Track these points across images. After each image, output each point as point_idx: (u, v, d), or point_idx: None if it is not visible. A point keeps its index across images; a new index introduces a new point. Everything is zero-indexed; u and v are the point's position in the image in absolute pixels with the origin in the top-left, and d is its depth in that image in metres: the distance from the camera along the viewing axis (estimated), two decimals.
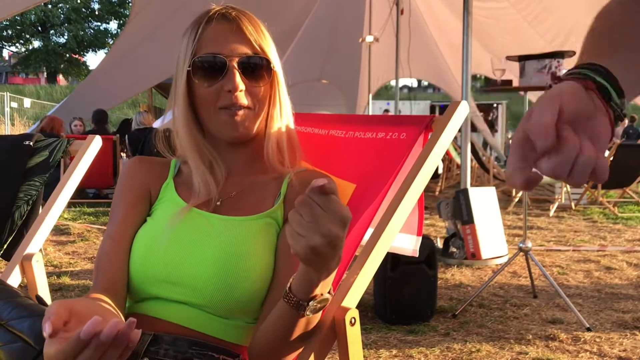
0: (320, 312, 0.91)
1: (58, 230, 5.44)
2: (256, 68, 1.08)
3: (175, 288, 1.02)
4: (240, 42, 1.07)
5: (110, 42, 37.37)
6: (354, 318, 0.94)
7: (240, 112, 1.07)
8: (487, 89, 4.20)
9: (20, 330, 0.82)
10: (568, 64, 3.21)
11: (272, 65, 1.10)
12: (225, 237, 1.04)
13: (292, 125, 1.19)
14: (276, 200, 1.10)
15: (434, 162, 1.04)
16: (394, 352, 2.63)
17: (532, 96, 3.29)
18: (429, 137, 1.08)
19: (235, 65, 1.06)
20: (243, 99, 1.07)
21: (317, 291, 0.87)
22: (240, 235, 1.04)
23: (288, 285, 0.89)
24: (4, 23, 34.45)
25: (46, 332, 0.67)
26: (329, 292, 0.89)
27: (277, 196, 1.10)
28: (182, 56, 1.10)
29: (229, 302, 1.00)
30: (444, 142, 1.04)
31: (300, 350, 0.97)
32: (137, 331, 0.69)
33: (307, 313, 0.87)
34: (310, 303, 0.87)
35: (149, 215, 1.13)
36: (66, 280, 3.77)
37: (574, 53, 3.09)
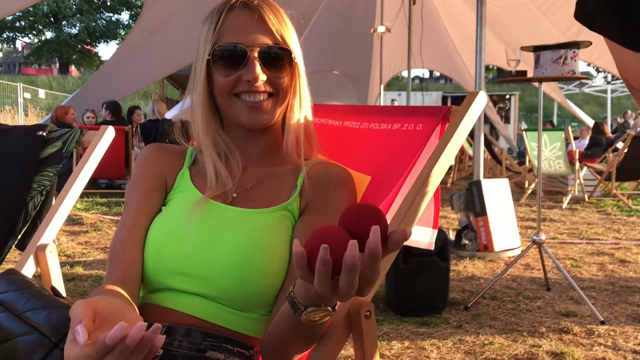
0: (324, 321, 0.84)
1: (71, 220, 5.48)
2: (277, 58, 1.06)
3: (190, 280, 1.02)
4: (262, 32, 1.06)
5: (122, 33, 37.50)
6: (369, 311, 0.93)
7: (260, 100, 1.07)
8: (502, 80, 4.14)
9: (36, 322, 0.81)
10: (584, 54, 3.17)
11: (293, 56, 1.08)
12: (240, 230, 1.03)
13: (310, 117, 1.17)
14: (292, 193, 1.09)
15: (451, 154, 1.02)
16: (406, 343, 2.62)
17: (547, 87, 3.26)
18: (446, 128, 1.06)
19: (256, 56, 1.05)
20: (263, 88, 1.06)
21: (318, 301, 0.80)
22: (255, 228, 1.03)
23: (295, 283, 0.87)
24: (17, 14, 34.62)
25: (81, 338, 0.65)
26: (334, 307, 0.82)
27: (294, 188, 1.10)
28: (202, 44, 1.09)
29: (244, 294, 1.00)
30: (462, 134, 1.02)
31: (312, 347, 0.96)
32: (162, 337, 0.68)
33: (302, 317, 0.81)
34: (308, 309, 0.80)
35: (164, 205, 1.13)
36: (79, 270, 3.79)
37: (590, 43, 3.05)
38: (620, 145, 8.67)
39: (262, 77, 1.05)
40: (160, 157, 1.17)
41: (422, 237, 1.20)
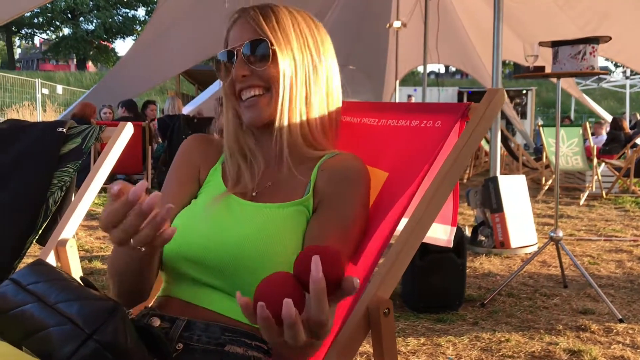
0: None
1: (89, 215, 5.53)
2: (256, 50, 1.10)
3: (206, 270, 1.04)
4: (244, 32, 1.11)
5: (138, 29, 37.73)
6: (388, 309, 0.93)
7: (253, 95, 1.11)
8: (520, 76, 4.10)
9: (70, 313, 0.82)
10: (602, 50, 3.13)
11: (270, 44, 1.09)
12: (254, 223, 1.05)
13: (327, 108, 1.17)
14: (307, 189, 1.10)
15: (470, 151, 1.02)
16: (422, 340, 2.62)
17: (564, 83, 3.22)
18: (466, 125, 1.06)
19: (237, 53, 1.10)
20: (247, 83, 1.11)
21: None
22: (269, 221, 1.05)
23: None
24: (35, 10, 34.94)
25: (115, 187, 0.75)
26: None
27: (308, 184, 1.11)
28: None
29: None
30: (481, 131, 1.02)
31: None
32: (170, 228, 0.78)
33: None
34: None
35: (194, 198, 1.17)
36: (97, 264, 3.83)
37: (609, 38, 3.01)
38: (639, 141, 8.57)
39: (243, 72, 1.10)
40: (199, 149, 1.22)
41: (441, 234, 1.20)
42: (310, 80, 1.13)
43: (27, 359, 0.78)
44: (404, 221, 1.02)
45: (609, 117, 14.01)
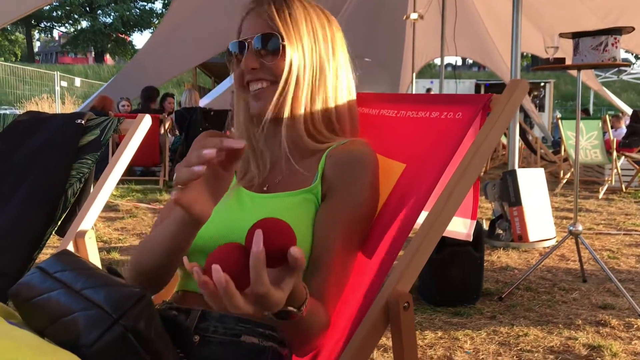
0: (300, 318, 0.84)
1: (107, 207, 5.57)
2: (267, 44, 1.10)
3: None
4: (257, 24, 1.12)
5: (156, 22, 37.89)
6: (407, 303, 0.93)
7: (259, 87, 1.12)
8: (539, 68, 4.03)
9: (96, 299, 0.83)
10: (622, 41, 3.07)
11: (282, 40, 1.09)
12: (262, 213, 1.05)
13: (325, 105, 1.17)
14: (315, 177, 1.11)
15: (492, 144, 1.00)
16: (439, 334, 2.60)
17: (583, 75, 3.17)
18: (487, 117, 1.04)
19: (248, 45, 1.11)
20: (256, 76, 1.12)
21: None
22: (276, 209, 1.07)
23: None
24: (54, 4, 35.25)
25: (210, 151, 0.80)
26: (298, 307, 0.83)
27: (316, 172, 1.12)
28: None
29: None
30: (503, 123, 1.00)
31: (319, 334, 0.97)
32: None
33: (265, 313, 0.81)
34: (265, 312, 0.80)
35: None
36: (116, 255, 3.86)
37: (632, 29, 2.96)
38: None
39: (253, 64, 1.11)
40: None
41: (460, 227, 1.19)
42: (317, 76, 1.14)
43: (47, 346, 0.78)
44: (423, 214, 1.01)
45: (628, 110, 13.81)
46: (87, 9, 38.79)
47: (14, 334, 0.79)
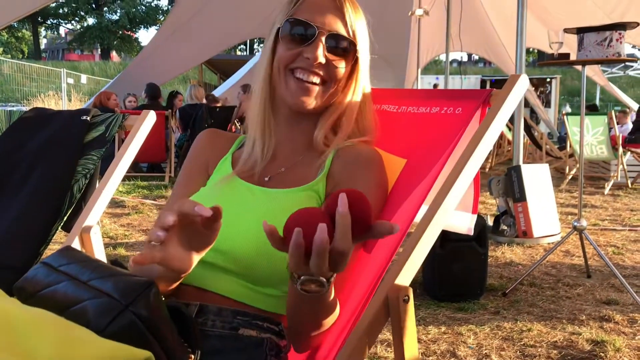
0: (322, 292, 0.84)
1: (113, 203, 5.60)
2: (342, 48, 1.10)
3: (218, 255, 1.04)
4: (336, 19, 1.10)
5: (161, 19, 37.90)
6: (407, 296, 0.94)
7: (311, 81, 1.10)
8: (544, 63, 4.03)
9: (105, 289, 0.83)
10: (629, 37, 3.07)
11: (357, 50, 1.11)
12: (264, 208, 1.07)
13: (366, 105, 1.19)
14: (319, 174, 1.11)
15: (491, 138, 1.01)
16: (443, 329, 2.61)
17: (589, 70, 3.17)
18: (487, 112, 1.05)
19: (323, 38, 1.09)
20: (318, 70, 1.10)
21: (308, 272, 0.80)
22: (279, 205, 1.07)
23: None
24: (61, 1, 35.29)
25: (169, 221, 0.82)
26: (328, 279, 0.81)
27: (321, 169, 1.12)
28: (279, 16, 1.13)
29: (267, 270, 1.02)
30: (503, 118, 1.01)
31: (324, 323, 0.98)
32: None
33: (298, 288, 0.81)
34: (301, 278, 0.80)
35: (204, 186, 1.19)
36: (121, 251, 3.88)
37: (637, 24, 2.95)
38: None
39: (322, 59, 1.08)
40: (209, 142, 1.26)
41: (461, 222, 1.19)
42: (360, 80, 1.16)
43: (65, 324, 0.77)
44: (423, 208, 1.02)
45: (635, 106, 13.73)
46: (94, 5, 38.85)
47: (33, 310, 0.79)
